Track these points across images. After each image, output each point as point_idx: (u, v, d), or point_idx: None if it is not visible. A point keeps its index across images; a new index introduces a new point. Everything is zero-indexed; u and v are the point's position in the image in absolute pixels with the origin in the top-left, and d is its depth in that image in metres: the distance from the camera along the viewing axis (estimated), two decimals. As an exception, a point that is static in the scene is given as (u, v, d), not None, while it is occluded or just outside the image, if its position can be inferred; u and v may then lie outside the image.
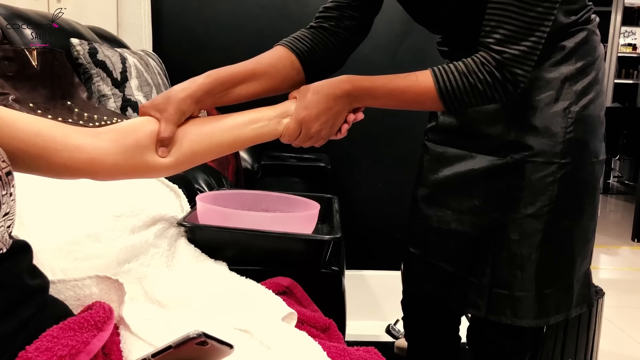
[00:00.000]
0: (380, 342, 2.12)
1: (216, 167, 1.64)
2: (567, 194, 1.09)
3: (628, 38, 6.86)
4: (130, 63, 1.74)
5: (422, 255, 1.26)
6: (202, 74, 0.96)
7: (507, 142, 1.10)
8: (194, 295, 0.82)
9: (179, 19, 2.52)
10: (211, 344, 0.55)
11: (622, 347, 2.30)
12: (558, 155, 1.08)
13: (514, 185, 1.10)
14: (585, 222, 1.15)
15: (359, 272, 2.63)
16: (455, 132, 1.20)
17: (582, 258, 1.17)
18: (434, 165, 1.24)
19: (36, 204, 0.91)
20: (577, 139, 1.08)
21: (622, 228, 4.35)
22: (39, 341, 0.58)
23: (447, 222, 1.20)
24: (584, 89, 1.09)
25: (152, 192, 1.11)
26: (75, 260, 0.85)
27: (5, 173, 0.61)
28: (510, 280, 1.12)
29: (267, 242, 1.01)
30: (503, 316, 1.13)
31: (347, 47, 1.14)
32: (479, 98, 0.96)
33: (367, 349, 0.77)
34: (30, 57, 1.33)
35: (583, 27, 1.10)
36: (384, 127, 2.56)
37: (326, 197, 1.30)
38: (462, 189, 1.17)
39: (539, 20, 0.93)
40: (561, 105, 1.07)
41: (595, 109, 1.11)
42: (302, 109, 0.93)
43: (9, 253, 0.61)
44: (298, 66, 1.06)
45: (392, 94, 0.96)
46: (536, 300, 1.12)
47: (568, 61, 1.08)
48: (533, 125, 1.08)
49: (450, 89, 0.95)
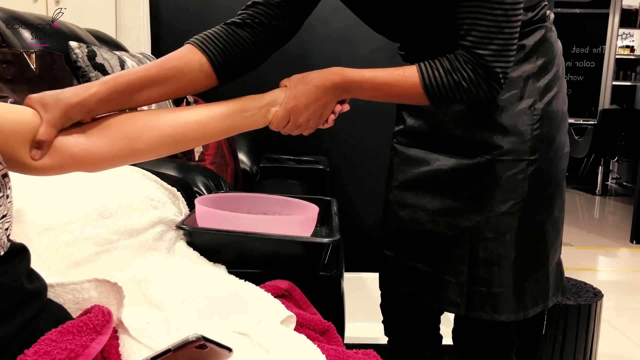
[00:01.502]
0: (379, 345, 2.12)
1: (215, 169, 1.64)
2: (538, 189, 1.12)
3: (626, 40, 6.87)
4: (129, 66, 1.74)
5: (398, 257, 1.27)
6: (99, 80, 0.90)
7: (475, 142, 1.12)
8: (193, 298, 0.82)
9: (177, 22, 2.52)
10: (210, 347, 0.55)
11: (621, 348, 2.30)
12: (527, 152, 1.10)
13: (486, 184, 1.12)
14: (555, 214, 1.17)
15: (357, 274, 2.63)
16: (424, 134, 1.21)
17: (555, 249, 1.20)
18: (403, 167, 1.25)
19: (34, 206, 0.91)
20: (543, 134, 1.10)
21: (621, 230, 4.36)
22: (37, 345, 0.58)
23: (421, 223, 1.20)
24: (547, 86, 1.11)
25: (151, 195, 1.11)
26: (73, 264, 0.85)
27: (1, 175, 0.61)
28: (488, 277, 1.14)
29: (265, 245, 1.01)
30: (483, 312, 1.15)
31: (268, 49, 1.08)
32: (463, 95, 0.98)
33: (366, 352, 0.77)
34: (28, 60, 1.33)
35: (540, 24, 1.12)
36: (382, 129, 2.57)
37: (325, 199, 1.30)
38: (434, 190, 1.18)
39: (507, 17, 0.95)
40: (526, 103, 1.10)
41: (559, 104, 1.14)
42: (292, 99, 0.95)
43: (6, 256, 0.61)
44: (208, 69, 0.99)
45: (379, 87, 0.98)
46: (514, 295, 1.14)
47: (529, 59, 1.10)
48: (500, 125, 1.10)
49: (435, 85, 0.97)
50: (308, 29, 2.49)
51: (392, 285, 1.31)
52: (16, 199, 0.66)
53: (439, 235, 1.18)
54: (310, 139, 1.02)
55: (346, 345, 0.86)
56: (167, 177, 1.22)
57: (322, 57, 2.53)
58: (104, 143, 0.85)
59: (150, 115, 0.90)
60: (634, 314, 2.72)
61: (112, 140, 0.85)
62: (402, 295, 1.29)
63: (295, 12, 1.08)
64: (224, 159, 1.85)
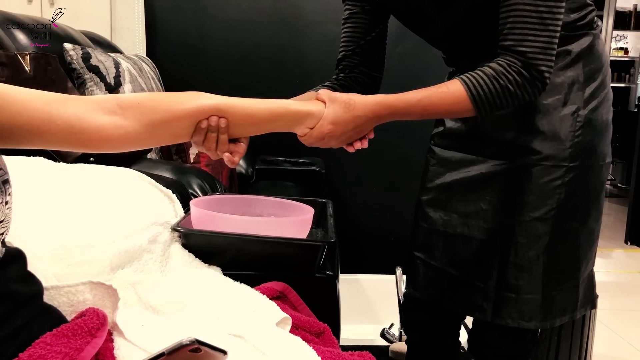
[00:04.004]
0: (375, 347, 2.12)
1: (210, 171, 1.64)
2: (574, 197, 1.10)
3: (620, 42, 6.89)
4: (124, 68, 1.74)
5: (427, 260, 1.26)
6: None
7: (514, 146, 1.11)
8: (188, 300, 0.82)
9: (172, 24, 2.52)
10: (204, 350, 0.55)
11: (616, 349, 2.31)
12: (566, 159, 1.08)
13: (522, 188, 1.10)
14: (590, 224, 1.15)
15: (353, 276, 2.63)
16: (463, 136, 1.21)
17: (587, 260, 1.18)
18: (440, 169, 1.25)
19: (28, 209, 0.90)
20: (585, 142, 1.09)
21: (616, 231, 4.37)
22: (32, 348, 0.57)
23: (453, 226, 1.20)
24: (592, 93, 1.10)
25: (146, 197, 1.11)
26: (68, 266, 0.85)
27: (2, 181, 0.61)
28: (517, 283, 1.12)
29: (261, 247, 1.01)
30: (510, 319, 1.13)
31: (374, 85, 1.21)
32: (509, 99, 0.97)
33: (362, 354, 0.77)
34: (23, 62, 1.33)
35: (587, 31, 1.11)
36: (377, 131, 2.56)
37: (320, 201, 1.30)
38: (469, 193, 1.17)
39: (552, 13, 0.94)
40: (569, 109, 1.08)
41: (603, 113, 1.12)
42: (329, 123, 0.94)
43: (2, 261, 0.61)
44: None
45: (425, 109, 0.97)
46: (543, 303, 1.12)
47: (574, 65, 1.09)
48: (541, 129, 1.09)
49: (483, 94, 0.95)
50: (303, 31, 2.51)
51: (419, 287, 1.30)
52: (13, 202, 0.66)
53: (469, 238, 1.17)
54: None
55: (342, 347, 0.86)
56: (163, 179, 1.22)
57: (317, 57, 2.53)
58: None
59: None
60: (628, 315, 2.73)
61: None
62: (428, 297, 1.28)
63: (375, 50, 1.20)
64: (219, 161, 1.84)
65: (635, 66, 6.87)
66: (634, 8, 6.60)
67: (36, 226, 0.89)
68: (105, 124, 0.76)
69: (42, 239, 0.86)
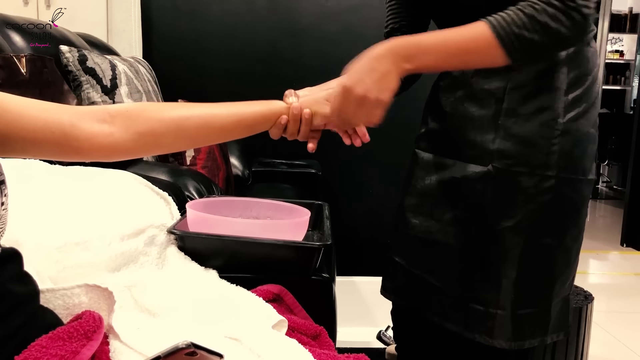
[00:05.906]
0: (371, 349, 2.12)
1: (206, 174, 1.64)
2: (550, 210, 1.05)
3: (615, 45, 6.92)
4: (120, 70, 1.74)
5: (407, 266, 1.22)
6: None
7: (490, 150, 1.06)
8: (184, 303, 0.82)
9: (169, 26, 2.52)
10: (200, 354, 0.55)
11: (612, 351, 2.32)
12: (540, 167, 1.03)
13: (495, 195, 1.06)
14: (567, 242, 1.09)
15: (349, 278, 2.63)
16: (442, 138, 1.18)
17: (563, 282, 1.12)
18: (422, 173, 1.21)
19: (24, 211, 0.90)
20: (562, 152, 1.03)
21: (611, 233, 4.38)
22: (27, 351, 0.57)
23: (431, 232, 1.16)
24: (574, 101, 1.04)
25: (142, 200, 1.10)
26: (64, 269, 0.85)
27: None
28: (486, 295, 1.08)
29: (257, 250, 1.01)
30: (477, 334, 1.09)
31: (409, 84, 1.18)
32: (542, 33, 0.87)
33: (358, 356, 0.77)
34: (19, 65, 1.33)
35: None
36: (375, 134, 2.57)
37: (317, 203, 1.30)
38: (445, 198, 1.14)
39: None
40: (548, 115, 1.03)
41: (585, 124, 1.06)
42: (345, 78, 0.92)
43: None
44: None
45: (446, 46, 0.91)
46: (511, 320, 1.07)
47: (559, 70, 1.03)
48: (516, 134, 1.04)
49: (506, 26, 0.87)
50: (299, 33, 2.51)
51: (398, 293, 1.26)
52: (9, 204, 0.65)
53: (446, 246, 1.13)
54: (302, 143, 1.02)
55: (338, 349, 0.86)
56: (159, 181, 1.22)
57: (314, 59, 2.53)
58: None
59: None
60: (624, 317, 2.74)
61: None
62: (407, 304, 1.25)
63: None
64: (215, 163, 1.85)
65: (630, 69, 6.90)
66: (629, 11, 6.62)
67: (32, 228, 0.88)
68: (96, 131, 0.78)
69: (37, 241, 0.86)
